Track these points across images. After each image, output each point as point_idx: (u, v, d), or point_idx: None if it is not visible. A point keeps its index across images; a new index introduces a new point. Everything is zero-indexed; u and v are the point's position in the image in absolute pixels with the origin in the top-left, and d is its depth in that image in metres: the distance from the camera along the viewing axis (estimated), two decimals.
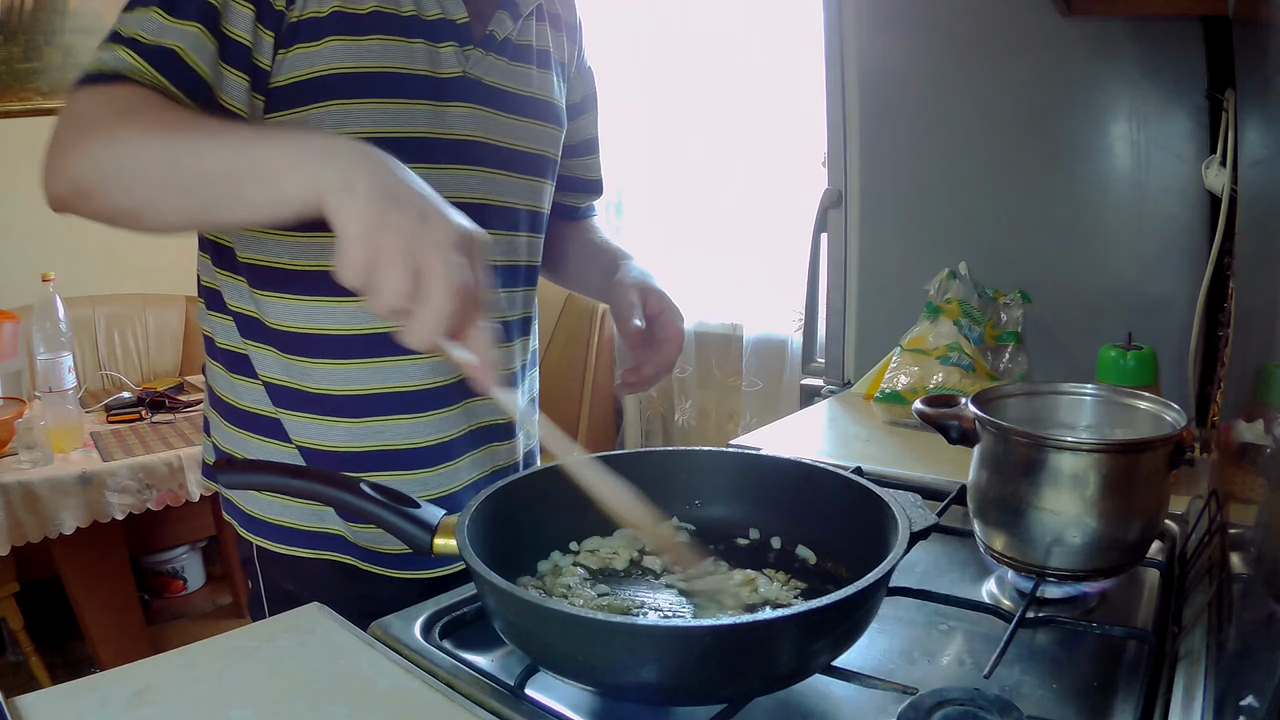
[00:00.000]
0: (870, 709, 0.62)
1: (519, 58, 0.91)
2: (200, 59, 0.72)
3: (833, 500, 0.74)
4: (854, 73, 1.56)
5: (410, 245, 0.54)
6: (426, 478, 0.90)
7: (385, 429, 0.88)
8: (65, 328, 2.22)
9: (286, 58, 0.77)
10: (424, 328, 0.55)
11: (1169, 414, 0.76)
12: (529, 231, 0.96)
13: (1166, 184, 1.29)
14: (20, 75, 2.71)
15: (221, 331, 0.90)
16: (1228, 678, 0.52)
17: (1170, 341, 1.23)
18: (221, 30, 0.73)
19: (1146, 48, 1.26)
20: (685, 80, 2.62)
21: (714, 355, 2.73)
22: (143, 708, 0.59)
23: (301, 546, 0.91)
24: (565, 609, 0.55)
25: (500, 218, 0.91)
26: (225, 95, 0.75)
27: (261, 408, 0.89)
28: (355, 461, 0.88)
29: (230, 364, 0.91)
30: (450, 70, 0.85)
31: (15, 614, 2.18)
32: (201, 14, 0.72)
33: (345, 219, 0.55)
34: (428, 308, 0.54)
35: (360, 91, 0.79)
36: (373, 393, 0.87)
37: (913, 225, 1.56)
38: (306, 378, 0.86)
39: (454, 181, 0.86)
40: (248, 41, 0.74)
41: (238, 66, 0.74)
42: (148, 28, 0.71)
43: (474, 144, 0.87)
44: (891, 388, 1.42)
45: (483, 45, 0.87)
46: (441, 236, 0.55)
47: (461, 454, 0.92)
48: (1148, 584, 0.81)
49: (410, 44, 0.81)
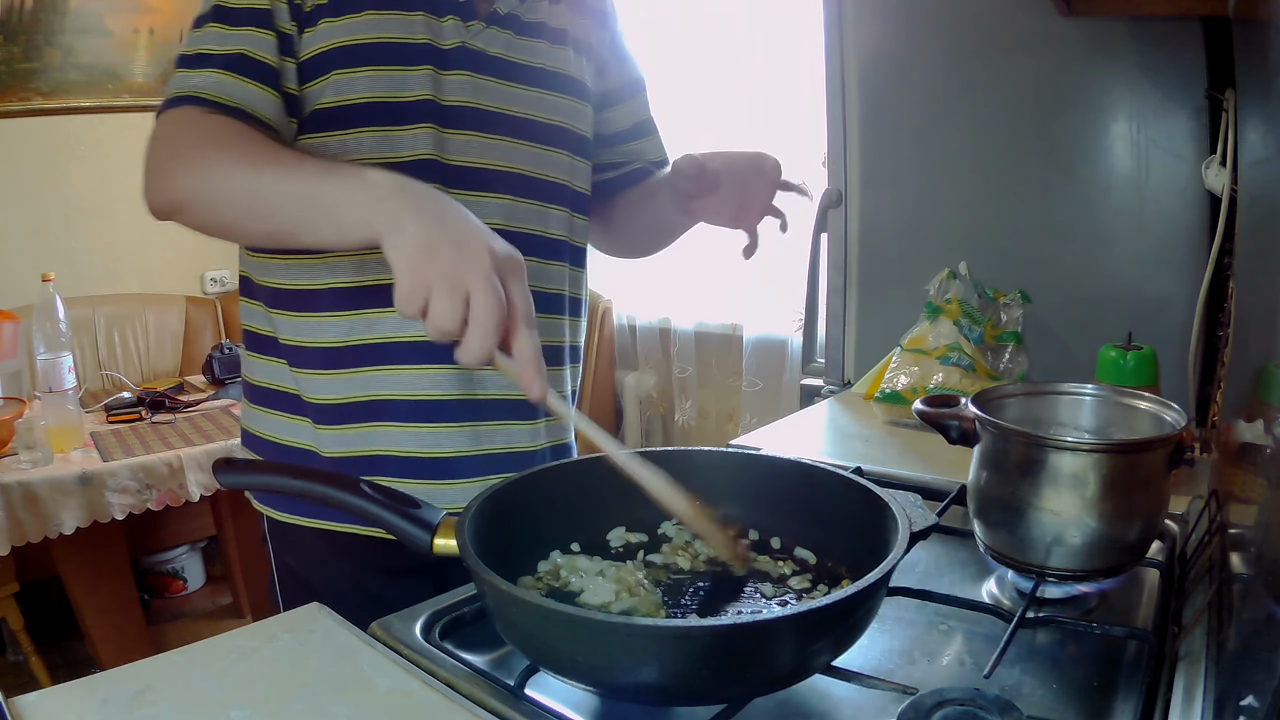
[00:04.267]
0: (870, 709, 0.62)
1: (527, 33, 0.93)
2: (265, 52, 0.81)
3: (833, 500, 0.74)
4: (854, 72, 1.56)
5: (454, 273, 0.61)
6: (432, 490, 0.91)
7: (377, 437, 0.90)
8: (65, 328, 2.22)
9: (301, 41, 0.84)
10: (475, 344, 0.61)
11: (1169, 414, 0.76)
12: (542, 201, 0.95)
13: (1166, 184, 1.29)
14: (20, 75, 2.71)
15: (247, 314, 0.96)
16: (1228, 678, 0.52)
17: (1170, 341, 1.23)
18: (276, 27, 0.82)
19: (1146, 48, 1.26)
20: (685, 80, 2.62)
21: (714, 355, 2.73)
22: (143, 708, 0.59)
23: (304, 516, 0.93)
24: (565, 609, 0.55)
25: (505, 183, 0.92)
26: (286, 82, 0.83)
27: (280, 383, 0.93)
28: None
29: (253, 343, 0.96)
30: (450, 42, 0.88)
31: (15, 614, 2.18)
32: (253, 18, 0.81)
33: (396, 257, 0.63)
34: (476, 327, 0.61)
35: (355, 61, 0.84)
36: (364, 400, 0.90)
37: (913, 225, 1.56)
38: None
39: (457, 146, 0.88)
40: (291, 32, 0.83)
41: (289, 55, 0.83)
42: (211, 42, 0.81)
43: (471, 110, 0.89)
44: (891, 388, 1.42)
45: (486, 20, 0.89)
46: (480, 262, 0.62)
47: (466, 475, 0.93)
48: (1148, 584, 0.81)
49: (409, 16, 0.85)
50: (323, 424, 0.91)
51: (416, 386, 0.90)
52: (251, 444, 0.97)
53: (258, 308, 0.94)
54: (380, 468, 0.90)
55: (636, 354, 2.87)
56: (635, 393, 2.88)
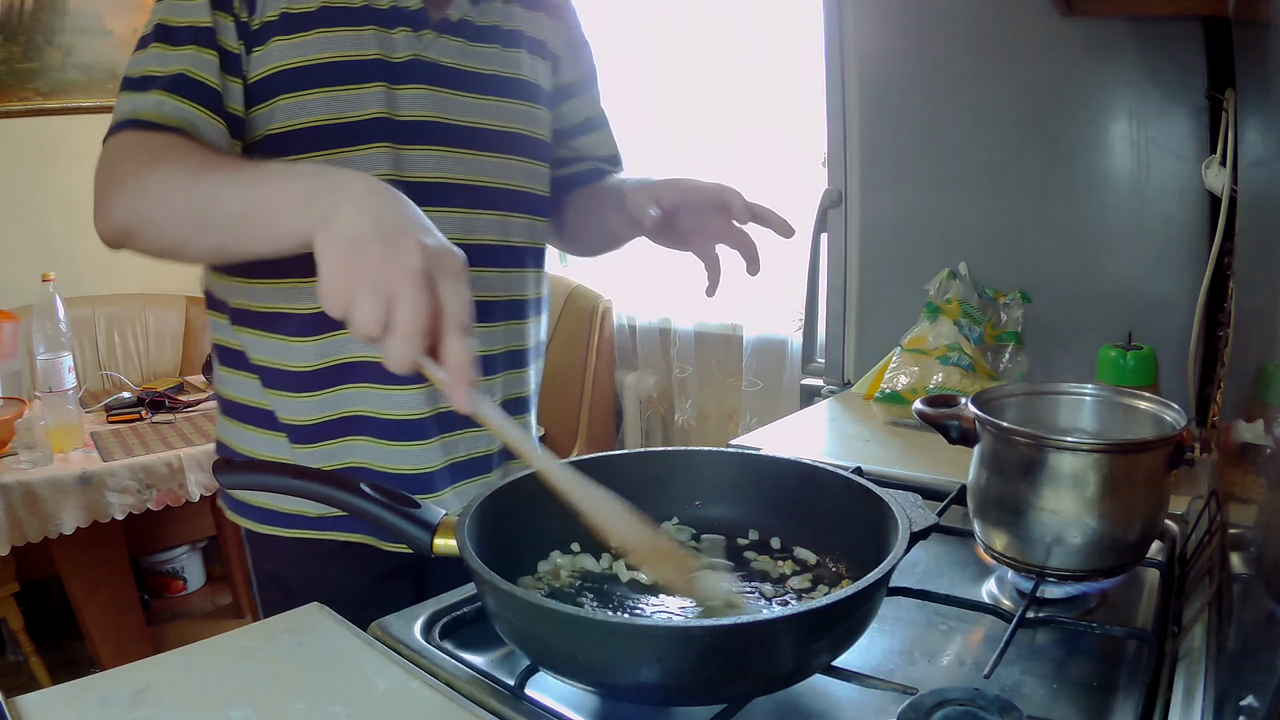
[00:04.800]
0: (870, 709, 0.62)
1: (480, 38, 0.91)
2: (206, 72, 0.79)
3: (833, 500, 0.74)
4: (854, 73, 1.56)
5: (378, 275, 0.57)
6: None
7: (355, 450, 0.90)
8: (65, 328, 2.22)
9: (249, 61, 0.82)
10: (396, 351, 0.57)
11: (1169, 414, 0.76)
12: (503, 210, 0.95)
13: (1166, 184, 1.29)
14: (20, 75, 2.71)
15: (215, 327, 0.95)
16: (1228, 678, 0.52)
17: (1170, 341, 1.23)
18: (218, 43, 0.80)
19: (1146, 48, 1.26)
20: (685, 80, 2.62)
21: (714, 355, 2.72)
22: (143, 708, 0.59)
23: (280, 526, 0.93)
24: (565, 609, 0.55)
25: (464, 196, 0.91)
26: (230, 102, 0.81)
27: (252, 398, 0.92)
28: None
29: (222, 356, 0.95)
30: (403, 54, 0.86)
31: (15, 614, 2.18)
32: (195, 36, 0.79)
33: (322, 254, 0.59)
34: (398, 333, 0.56)
35: (307, 83, 0.82)
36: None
37: (913, 225, 1.55)
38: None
39: (415, 162, 0.87)
40: (237, 51, 0.81)
41: (234, 74, 0.82)
42: (154, 63, 0.79)
43: (429, 124, 0.88)
44: (891, 388, 1.42)
45: (438, 28, 0.88)
46: (409, 262, 0.57)
47: (442, 487, 0.93)
48: (1148, 584, 0.81)
49: (360, 32, 0.84)
50: (298, 443, 0.90)
51: (388, 405, 0.89)
52: (228, 456, 0.97)
53: (224, 321, 0.93)
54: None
55: (636, 354, 2.87)
56: (635, 393, 2.87)
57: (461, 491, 0.94)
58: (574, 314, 2.80)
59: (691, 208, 0.89)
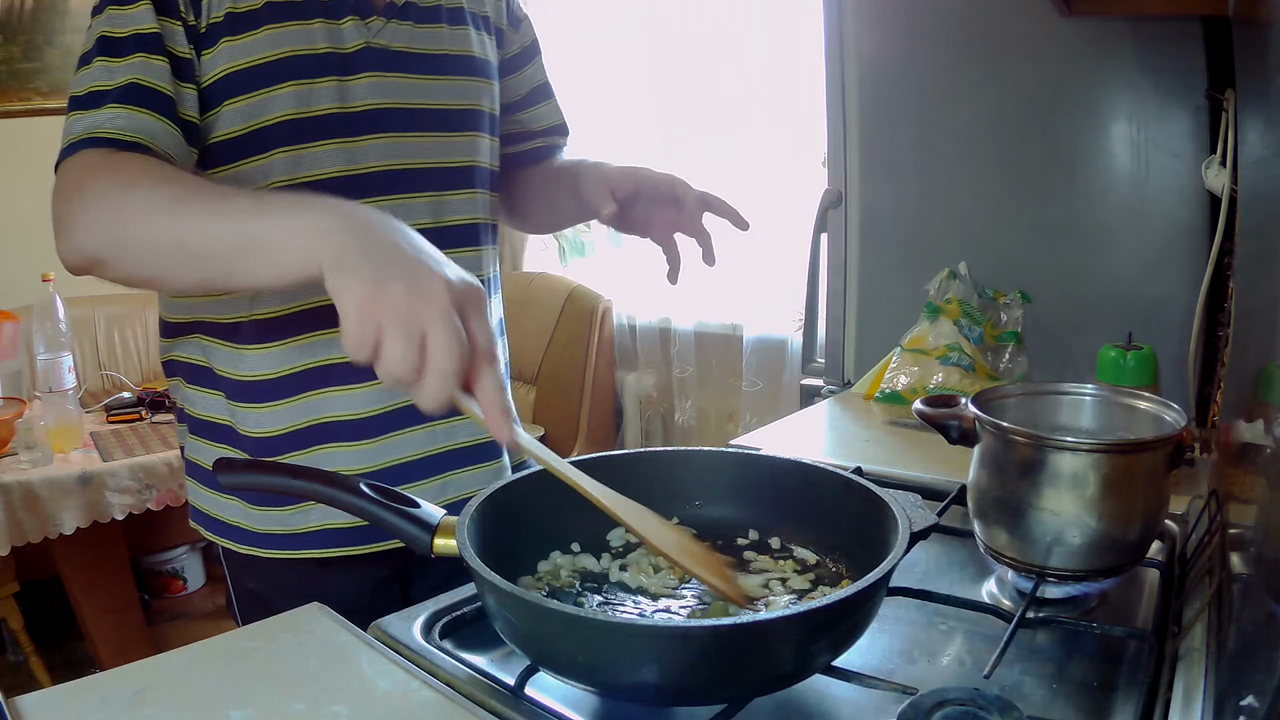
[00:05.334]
0: (870, 709, 0.62)
1: (426, 19, 0.91)
2: (157, 79, 0.77)
3: (833, 500, 0.74)
4: (854, 73, 1.56)
5: (408, 315, 0.55)
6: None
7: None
8: (65, 328, 2.22)
9: (200, 65, 0.80)
10: (434, 390, 0.55)
11: (1169, 414, 0.76)
12: (470, 188, 0.94)
13: (1166, 184, 1.29)
14: (20, 75, 2.71)
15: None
16: (1228, 678, 0.52)
17: (1170, 341, 1.23)
18: (166, 49, 0.78)
19: (1146, 48, 1.26)
20: (685, 80, 2.62)
21: (714, 355, 2.72)
22: (143, 708, 0.59)
23: (256, 546, 0.92)
24: (565, 609, 0.55)
25: (431, 179, 0.90)
26: (184, 109, 0.79)
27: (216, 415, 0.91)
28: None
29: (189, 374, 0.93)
30: (353, 44, 0.85)
31: (15, 614, 2.18)
32: (141, 44, 0.76)
33: (343, 296, 0.56)
34: (435, 373, 0.55)
35: (259, 83, 0.81)
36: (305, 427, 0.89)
37: (913, 225, 1.55)
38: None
39: (372, 152, 0.86)
40: (188, 56, 0.79)
41: (187, 80, 0.80)
42: (101, 77, 0.76)
43: (385, 111, 0.87)
44: (891, 388, 1.42)
45: (384, 14, 0.87)
46: (437, 300, 0.56)
47: (427, 476, 0.92)
48: (1148, 584, 0.81)
49: (308, 26, 0.83)
50: (264, 455, 0.89)
51: (356, 405, 0.88)
52: (198, 475, 0.95)
53: (185, 339, 0.91)
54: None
55: (636, 354, 2.87)
56: (635, 393, 2.88)
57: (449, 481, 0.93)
58: (574, 314, 2.80)
59: (645, 197, 0.90)
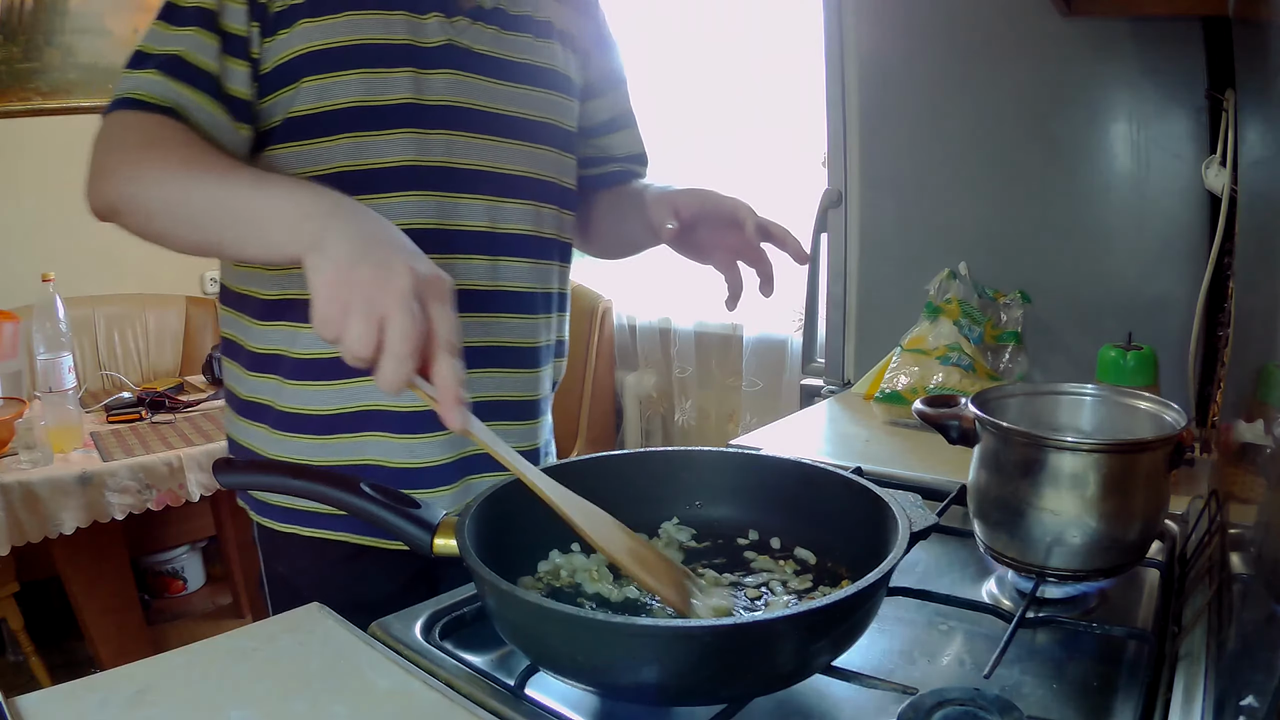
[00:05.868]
0: (870, 709, 0.62)
1: (513, 27, 0.92)
2: (204, 56, 0.79)
3: (833, 500, 0.74)
4: (854, 73, 1.56)
5: (370, 297, 0.58)
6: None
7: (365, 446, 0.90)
8: (65, 328, 2.22)
9: (270, 45, 0.82)
10: (388, 372, 0.58)
11: (1169, 414, 0.76)
12: (532, 200, 0.95)
13: (1166, 184, 1.29)
14: (20, 75, 2.71)
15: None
16: (1228, 678, 0.52)
17: (1170, 341, 1.23)
18: (220, 28, 0.80)
19: (1146, 48, 1.26)
20: (684, 80, 2.62)
21: (714, 355, 2.72)
22: (143, 708, 0.59)
23: (299, 525, 0.92)
24: (565, 609, 0.55)
25: (492, 183, 0.91)
26: (231, 85, 0.81)
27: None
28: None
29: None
30: (435, 39, 0.86)
31: (15, 614, 2.18)
32: (198, 18, 0.80)
33: (314, 276, 0.61)
34: (389, 354, 0.57)
35: (334, 65, 0.83)
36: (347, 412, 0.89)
37: (913, 225, 1.56)
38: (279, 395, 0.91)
39: (439, 147, 0.87)
40: (244, 34, 0.81)
41: (239, 56, 0.81)
42: (153, 40, 0.80)
43: (459, 109, 0.88)
44: (891, 388, 1.42)
45: (470, 15, 0.88)
46: (400, 285, 0.58)
47: (451, 481, 0.93)
48: (1148, 584, 0.81)
49: (389, 16, 0.84)
50: (312, 434, 0.90)
51: (401, 398, 0.88)
52: (239, 454, 0.96)
53: (241, 316, 0.93)
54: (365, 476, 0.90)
55: (636, 354, 2.87)
56: (635, 393, 2.88)
57: (469, 486, 0.94)
58: (574, 314, 2.78)
59: (709, 221, 0.91)
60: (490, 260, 0.91)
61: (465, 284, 0.64)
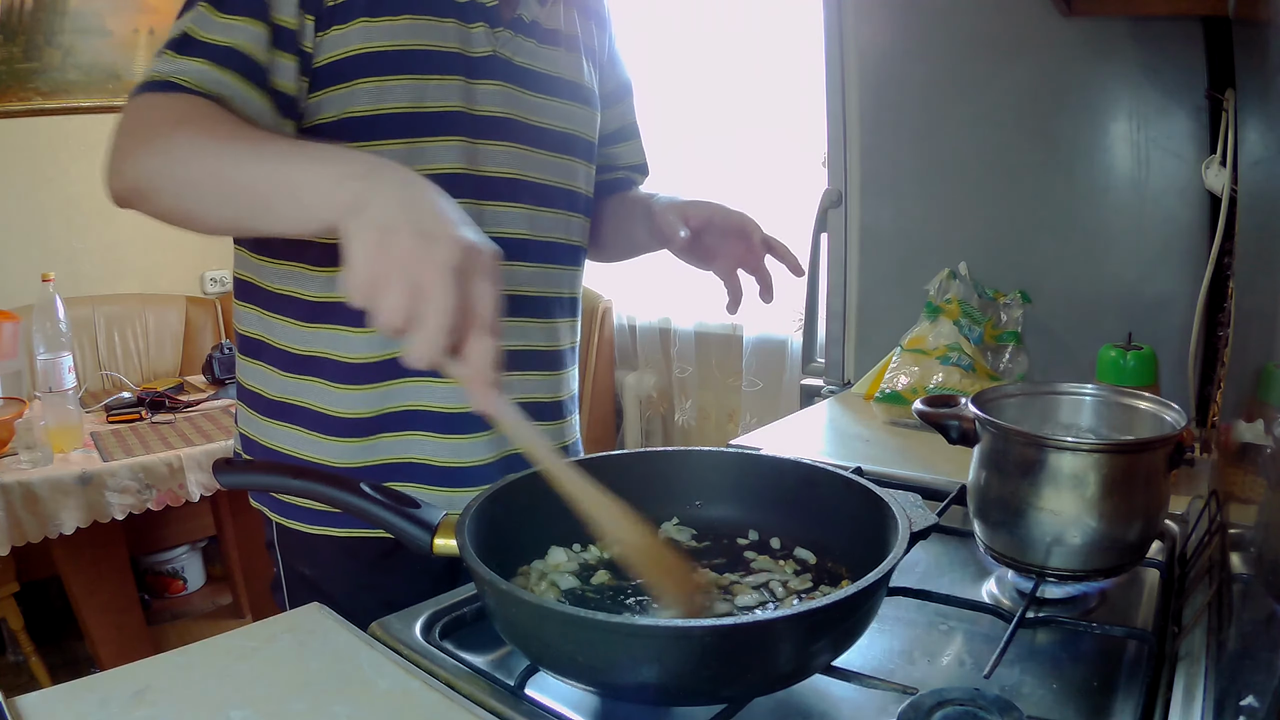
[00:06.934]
0: (870, 709, 0.62)
1: (547, 40, 0.93)
2: (255, 47, 0.77)
3: (833, 500, 0.74)
4: (854, 72, 1.56)
5: (409, 265, 0.55)
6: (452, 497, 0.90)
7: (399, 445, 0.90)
8: (65, 328, 2.22)
9: (324, 39, 0.81)
10: (421, 345, 0.55)
11: (1169, 414, 0.76)
12: (564, 209, 0.97)
13: (1166, 184, 1.29)
14: (20, 75, 2.71)
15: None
16: (1228, 678, 0.52)
17: (1170, 341, 1.23)
18: (271, 19, 0.77)
19: (1146, 48, 1.26)
20: (685, 80, 2.62)
21: (714, 355, 2.72)
22: (143, 708, 0.59)
23: (317, 524, 0.92)
24: (565, 609, 0.55)
25: (531, 193, 0.93)
26: (278, 79, 0.79)
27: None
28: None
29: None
30: (481, 50, 0.87)
31: (15, 614, 2.18)
32: (249, 6, 0.76)
33: (351, 240, 0.57)
34: (424, 327, 0.54)
35: (393, 68, 0.82)
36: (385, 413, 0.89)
37: (913, 225, 1.55)
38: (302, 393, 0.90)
39: (488, 156, 0.88)
40: (294, 26, 0.79)
41: (288, 50, 0.79)
42: (201, 25, 0.76)
43: (505, 120, 0.89)
44: (891, 388, 1.42)
45: (511, 27, 0.89)
46: (443, 255, 0.55)
47: (490, 479, 0.92)
48: (1148, 584, 0.81)
49: (442, 23, 0.84)
50: (349, 437, 0.89)
51: (442, 398, 0.89)
52: (261, 455, 0.95)
53: (258, 311, 0.92)
54: (407, 475, 0.90)
55: (636, 354, 2.87)
56: (635, 393, 2.87)
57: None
58: None
59: (715, 230, 0.94)
60: (527, 267, 0.93)
61: (504, 290, 0.62)
